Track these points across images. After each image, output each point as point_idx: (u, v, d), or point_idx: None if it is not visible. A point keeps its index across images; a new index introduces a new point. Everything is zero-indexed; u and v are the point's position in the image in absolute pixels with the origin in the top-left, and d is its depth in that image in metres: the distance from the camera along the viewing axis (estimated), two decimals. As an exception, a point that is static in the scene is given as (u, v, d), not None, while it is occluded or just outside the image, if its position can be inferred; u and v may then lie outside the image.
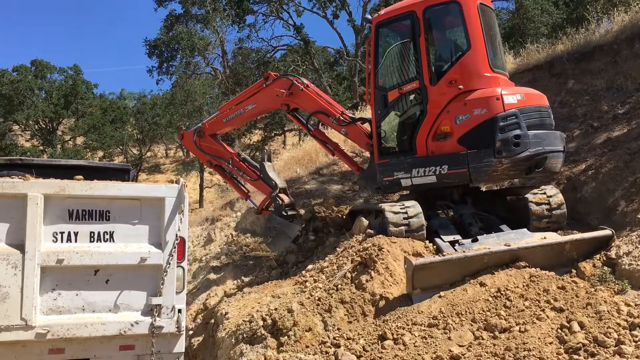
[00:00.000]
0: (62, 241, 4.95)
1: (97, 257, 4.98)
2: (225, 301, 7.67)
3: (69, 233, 4.99)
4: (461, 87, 7.15)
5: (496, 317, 5.49)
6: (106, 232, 5.11)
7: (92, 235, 5.06)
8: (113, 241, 5.12)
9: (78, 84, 44.13)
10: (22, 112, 40.52)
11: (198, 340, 7.63)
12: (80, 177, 5.27)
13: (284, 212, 8.80)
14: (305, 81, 8.83)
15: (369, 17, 8.39)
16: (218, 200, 27.81)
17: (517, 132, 6.81)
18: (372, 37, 8.10)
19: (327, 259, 7.41)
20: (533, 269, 6.12)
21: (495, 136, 6.81)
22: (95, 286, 5.01)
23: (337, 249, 7.54)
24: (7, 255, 4.71)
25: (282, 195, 9.07)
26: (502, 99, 6.91)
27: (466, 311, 5.66)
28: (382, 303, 6.07)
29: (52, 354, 4.88)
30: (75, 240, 5.00)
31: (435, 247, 6.94)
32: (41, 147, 41.99)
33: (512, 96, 7.02)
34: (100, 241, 5.07)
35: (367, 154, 9.27)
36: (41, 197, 4.82)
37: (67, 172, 5.55)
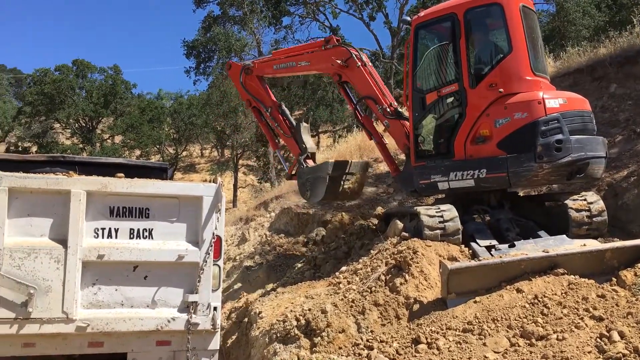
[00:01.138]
0: (103, 237, 5.06)
1: (137, 254, 5.08)
2: (259, 300, 7.72)
3: (110, 229, 5.10)
4: (502, 90, 7.03)
5: (533, 324, 5.39)
6: (145, 229, 5.20)
7: (131, 231, 5.16)
8: (152, 238, 5.21)
9: (117, 83, 45.12)
10: (64, 111, 41.61)
11: (231, 339, 7.71)
12: (122, 174, 5.37)
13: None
14: (365, 58, 8.71)
15: (408, 18, 8.32)
16: (252, 200, 28.04)
17: (559, 136, 6.68)
18: (410, 39, 8.04)
19: (360, 261, 7.40)
20: (572, 276, 5.98)
21: (537, 140, 6.69)
22: (134, 282, 5.11)
23: (371, 251, 7.52)
24: (50, 249, 4.84)
25: (309, 161, 9.06)
26: (543, 102, 6.79)
27: (502, 317, 5.57)
28: (416, 307, 6.03)
29: (92, 347, 4.99)
30: (116, 237, 5.10)
31: (471, 251, 6.86)
32: (81, 145, 43.03)
33: (554, 100, 6.89)
34: (140, 238, 5.17)
35: (402, 156, 9.20)
36: (84, 193, 4.94)
37: (107, 170, 5.67)
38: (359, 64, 8.51)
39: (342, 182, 8.86)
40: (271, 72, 9.76)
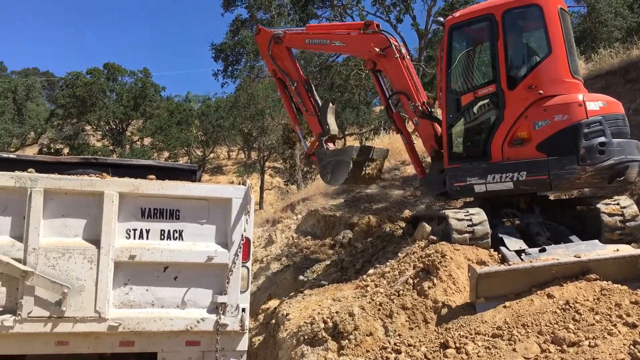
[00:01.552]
0: (134, 238, 5.13)
1: (167, 255, 5.14)
2: (286, 302, 7.75)
3: (141, 230, 5.17)
4: (542, 92, 6.98)
5: (564, 330, 5.31)
6: (176, 230, 5.26)
7: (162, 233, 5.23)
8: (182, 239, 5.26)
9: (147, 86, 45.77)
10: (95, 113, 42.39)
11: (259, 340, 7.75)
12: (153, 176, 5.44)
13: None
14: (403, 50, 8.54)
15: (441, 19, 8.19)
16: (278, 202, 28.15)
17: (603, 139, 6.62)
18: (444, 39, 7.92)
19: (388, 264, 7.38)
20: (604, 282, 5.88)
21: (580, 143, 6.62)
22: (164, 282, 5.17)
23: (399, 254, 7.49)
24: (83, 249, 4.93)
25: (329, 144, 8.91)
26: (584, 105, 6.74)
27: (532, 323, 5.50)
28: (444, 311, 5.99)
29: (123, 346, 5.06)
30: (147, 238, 5.17)
31: (500, 256, 6.78)
32: (111, 147, 43.73)
33: (594, 103, 6.85)
34: (170, 239, 5.22)
35: (429, 158, 9.12)
36: (116, 195, 5.02)
37: (138, 172, 5.75)
38: (397, 55, 8.33)
39: (364, 168, 8.74)
40: (302, 46, 9.58)
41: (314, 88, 9.34)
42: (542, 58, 7.19)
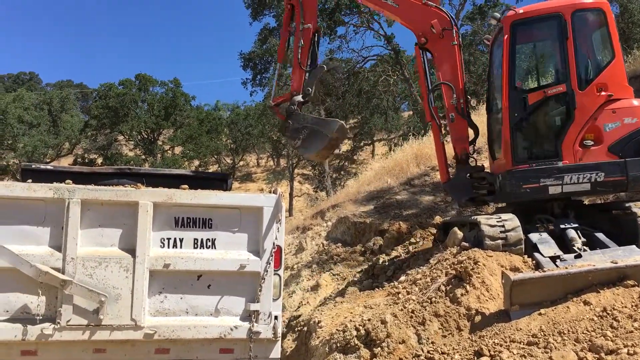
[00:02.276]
0: (168, 247, 5.22)
1: (200, 263, 5.21)
2: (318, 309, 7.77)
3: (175, 239, 5.25)
4: (612, 94, 7.10)
5: (602, 337, 5.20)
6: (208, 239, 5.33)
7: (195, 241, 5.30)
8: (215, 248, 5.32)
9: (177, 96, 46.42)
10: (127, 123, 43.14)
11: (291, 347, 7.78)
12: (186, 186, 5.52)
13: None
14: (458, 40, 8.13)
15: (498, 15, 7.89)
16: (307, 209, 28.20)
17: None
18: (506, 36, 7.61)
19: (419, 270, 7.34)
20: (643, 288, 5.75)
21: None
22: (198, 290, 5.24)
23: (430, 261, 7.45)
24: (120, 259, 5.03)
25: (300, 107, 8.15)
26: None
27: (569, 330, 5.40)
28: (478, 318, 5.92)
29: (158, 354, 5.14)
30: (181, 246, 5.25)
31: (534, 262, 6.69)
32: (143, 156, 44.43)
33: None
34: (203, 247, 5.30)
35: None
36: (151, 204, 5.11)
37: (170, 181, 5.85)
38: (455, 41, 8.04)
39: (334, 147, 8.14)
40: None
41: (317, 44, 8.36)
42: (609, 61, 7.30)
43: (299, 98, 8.09)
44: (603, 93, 7.13)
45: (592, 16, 7.52)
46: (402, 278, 7.48)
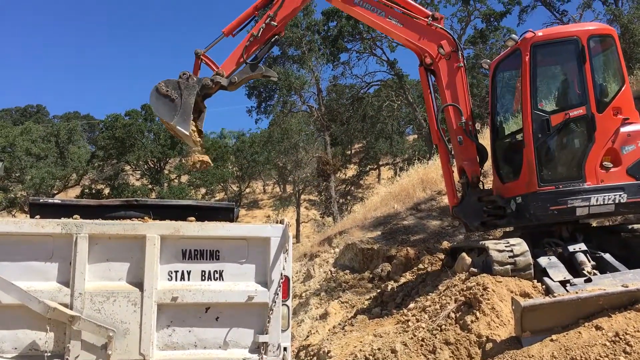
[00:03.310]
0: (176, 280, 5.19)
1: (208, 295, 5.18)
2: (327, 339, 7.71)
3: (183, 272, 5.23)
4: (628, 117, 7.29)
5: (616, 363, 5.14)
6: (216, 270, 5.31)
7: (203, 274, 5.28)
8: (222, 280, 5.29)
9: (183, 125, 46.60)
10: (134, 153, 43.37)
11: (301, 378, 7.70)
12: (193, 218, 5.52)
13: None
14: (464, 62, 8.27)
15: (516, 37, 7.94)
16: (314, 235, 28.13)
17: None
18: (526, 58, 7.61)
19: (428, 297, 7.29)
20: (655, 312, 5.68)
21: None
22: (206, 323, 5.19)
23: (439, 287, 7.40)
24: (127, 293, 5.02)
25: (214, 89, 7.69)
26: None
27: (582, 356, 5.34)
28: (489, 345, 5.87)
29: (167, 388, 5.09)
30: (188, 279, 5.22)
31: (544, 287, 6.64)
32: (150, 186, 44.57)
33: None
34: (211, 280, 5.27)
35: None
36: (158, 238, 5.11)
37: (177, 212, 5.84)
38: (461, 63, 8.14)
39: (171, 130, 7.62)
40: (351, 6, 8.14)
41: (270, 47, 8.09)
42: (621, 85, 7.50)
43: (223, 81, 7.65)
44: (619, 116, 7.29)
45: (604, 42, 7.74)
46: (411, 305, 7.42)
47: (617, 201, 7.12)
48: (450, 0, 28.83)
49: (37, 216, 5.23)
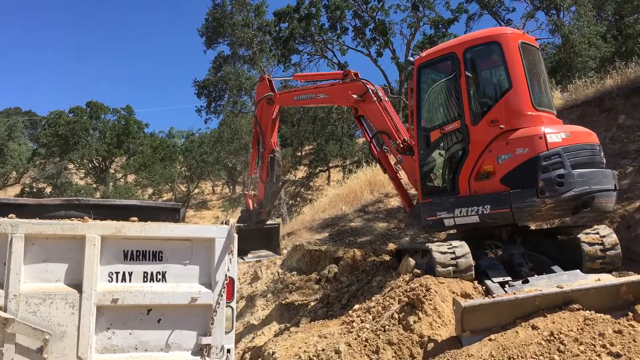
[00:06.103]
0: (117, 281, 5.07)
1: (150, 297, 5.08)
2: (272, 340, 7.69)
3: (124, 273, 5.12)
4: (502, 126, 7.15)
5: (550, 361, 5.33)
6: (159, 272, 5.22)
7: (145, 275, 5.17)
8: (165, 281, 5.21)
9: (130, 123, 45.70)
10: (77, 152, 42.13)
11: (245, 380, 7.65)
12: (135, 218, 5.41)
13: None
14: (381, 93, 8.95)
15: (412, 59, 8.47)
16: (263, 237, 27.92)
17: (561, 171, 6.70)
18: (414, 78, 8.21)
19: (373, 298, 7.37)
20: (587, 311, 5.91)
21: (538, 176, 6.74)
22: (147, 325, 5.10)
23: (384, 288, 7.50)
24: (65, 294, 4.86)
25: (262, 214, 9.97)
26: (545, 137, 6.85)
27: (518, 355, 5.51)
28: (430, 345, 5.98)
29: (106, 392, 4.96)
30: (130, 280, 5.11)
31: (484, 288, 6.83)
32: (94, 185, 43.37)
33: (556, 135, 6.94)
34: (153, 281, 5.17)
35: (413, 190, 9.23)
36: (98, 238, 4.98)
37: (121, 212, 5.71)
38: (375, 99, 8.74)
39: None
40: (291, 103, 10.22)
41: (277, 161, 9.95)
42: (503, 93, 7.40)
43: (257, 209, 10.00)
44: (496, 126, 7.19)
45: (486, 51, 7.70)
46: (357, 306, 7.49)
47: (480, 212, 7.18)
48: (400, 7, 29.28)
49: (-29, 216, 5.02)
